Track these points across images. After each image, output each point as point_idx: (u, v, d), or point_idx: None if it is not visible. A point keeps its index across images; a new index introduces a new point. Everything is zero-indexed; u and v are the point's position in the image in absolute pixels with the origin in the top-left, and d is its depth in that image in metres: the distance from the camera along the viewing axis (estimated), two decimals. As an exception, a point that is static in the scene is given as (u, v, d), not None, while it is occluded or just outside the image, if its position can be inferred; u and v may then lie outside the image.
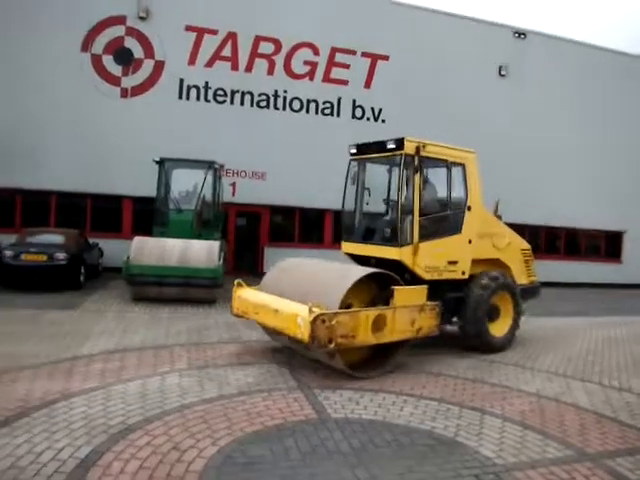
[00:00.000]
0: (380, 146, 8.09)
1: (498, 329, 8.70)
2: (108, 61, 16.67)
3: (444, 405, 5.90)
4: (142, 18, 16.60)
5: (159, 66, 16.97)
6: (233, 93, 17.72)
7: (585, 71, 21.30)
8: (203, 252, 11.71)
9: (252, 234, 18.39)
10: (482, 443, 4.90)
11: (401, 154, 7.73)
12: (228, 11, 17.28)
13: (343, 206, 8.79)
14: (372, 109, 19.02)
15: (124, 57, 16.75)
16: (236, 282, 7.69)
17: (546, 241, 21.81)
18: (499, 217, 9.71)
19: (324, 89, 18.46)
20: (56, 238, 13.29)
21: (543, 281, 10.49)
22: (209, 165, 13.76)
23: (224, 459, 4.21)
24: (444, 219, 8.38)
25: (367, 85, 18.91)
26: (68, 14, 16.18)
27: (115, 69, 16.74)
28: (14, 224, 16.25)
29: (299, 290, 6.76)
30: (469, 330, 8.36)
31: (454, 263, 8.22)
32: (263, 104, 18.04)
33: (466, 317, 8.29)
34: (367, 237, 8.49)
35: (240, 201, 17.64)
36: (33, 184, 16.21)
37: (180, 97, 17.26)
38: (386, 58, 18.90)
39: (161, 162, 13.82)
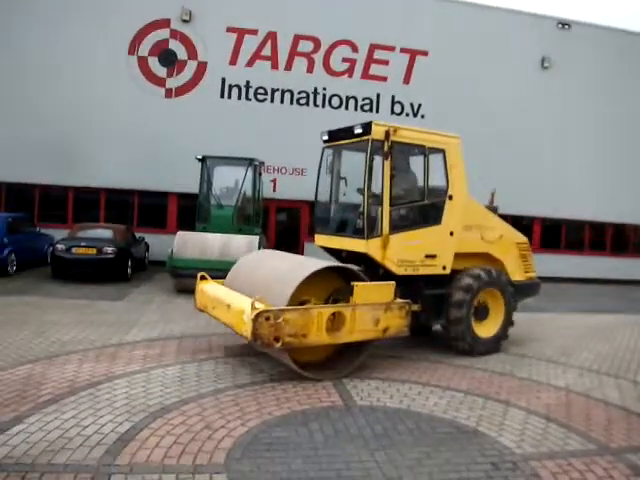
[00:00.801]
0: (349, 132, 7.48)
1: (486, 329, 8.04)
2: (153, 63, 17.33)
3: (469, 397, 6.01)
4: (185, 21, 17.17)
5: (202, 67, 17.51)
6: (273, 91, 18.10)
7: (626, 60, 20.64)
8: (243, 246, 12.08)
9: (292, 229, 18.77)
10: (503, 433, 5.01)
11: (368, 139, 7.11)
12: (267, 11, 17.64)
13: (316, 197, 8.35)
14: (411, 105, 19.05)
15: (169, 59, 17.38)
16: (199, 275, 7.47)
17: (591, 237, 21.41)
18: (495, 209, 9.08)
19: (363, 85, 18.60)
20: (105, 233, 13.96)
21: (584, 277, 10.26)
22: (249, 162, 14.13)
23: (251, 439, 4.51)
24: (420, 209, 7.74)
25: (406, 81, 18.94)
26: (115, 19, 16.94)
27: (160, 70, 17.38)
28: (66, 220, 17.13)
29: (255, 285, 6.41)
30: (451, 330, 7.75)
31: (432, 257, 7.54)
32: (303, 101, 18.34)
33: (448, 316, 7.67)
34: (340, 229, 7.94)
35: (281, 197, 18.03)
36: (84, 182, 17.08)
37: (222, 96, 17.76)
38: (425, 53, 18.89)
39: (203, 160, 14.28)
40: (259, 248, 12.17)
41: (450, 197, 7.71)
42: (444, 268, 7.69)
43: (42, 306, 9.70)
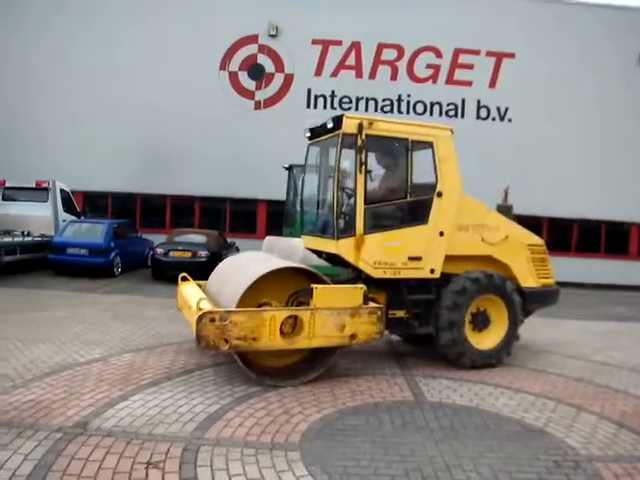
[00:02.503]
0: (324, 127, 6.96)
1: (485, 340, 7.27)
2: (243, 77, 18.41)
3: (541, 399, 6.05)
4: (272, 35, 18.11)
5: (289, 79, 18.35)
6: (358, 100, 18.59)
7: None
8: (325, 251, 12.55)
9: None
10: (570, 435, 5.05)
11: (338, 134, 6.56)
12: (351, 22, 18.19)
13: (302, 196, 7.74)
14: (497, 109, 18.88)
15: (257, 73, 18.40)
16: (180, 276, 7.48)
17: None
18: (509, 208, 8.37)
19: (447, 91, 18.70)
20: (199, 238, 15.04)
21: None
22: (333, 170, 14.60)
23: (325, 424, 4.94)
24: (402, 207, 7.06)
25: (492, 84, 18.80)
26: (207, 37, 18.13)
27: (249, 84, 18.43)
28: (165, 226, 18.50)
29: (224, 287, 6.34)
30: (440, 337, 6.99)
31: (417, 259, 6.81)
32: (387, 109, 18.68)
33: (438, 325, 6.95)
34: (323, 229, 7.30)
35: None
36: (180, 190, 18.40)
37: (308, 106, 18.51)
38: (512, 55, 18.64)
39: (290, 168, 14.93)
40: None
41: (439, 194, 6.93)
42: (432, 272, 6.92)
43: (143, 304, 10.75)
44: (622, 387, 6.78)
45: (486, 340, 7.29)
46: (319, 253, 7.58)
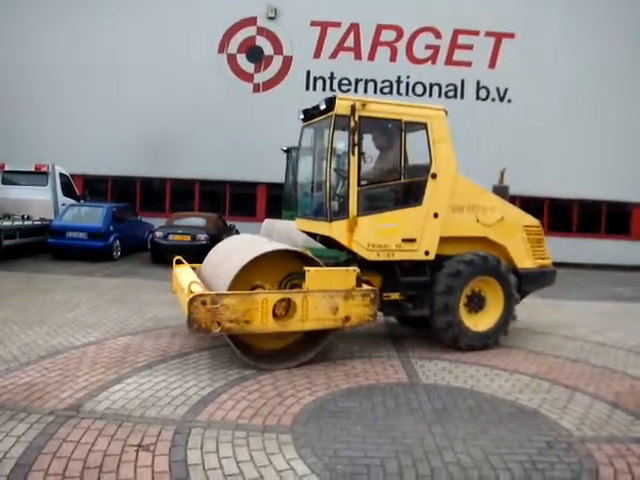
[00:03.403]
0: (317, 109, 6.89)
1: (480, 321, 7.26)
2: (242, 60, 18.24)
3: (536, 381, 6.04)
4: (271, 18, 17.94)
5: (287, 61, 18.19)
6: (357, 81, 18.45)
7: None
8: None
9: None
10: (564, 416, 5.04)
11: (331, 115, 6.51)
12: (350, 3, 18.03)
13: (296, 178, 7.85)
14: (497, 89, 18.71)
15: (256, 55, 18.25)
16: (175, 259, 7.49)
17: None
18: (506, 188, 8.25)
19: (447, 72, 18.53)
20: (198, 221, 15.04)
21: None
22: (332, 152, 14.52)
23: (317, 406, 4.95)
24: (396, 189, 7.01)
25: (492, 65, 18.61)
26: (205, 20, 17.94)
27: (248, 67, 18.29)
28: (164, 209, 18.49)
29: (217, 269, 6.38)
30: (436, 320, 6.98)
31: (411, 241, 6.77)
32: (386, 90, 18.53)
33: (433, 308, 6.94)
34: (317, 212, 7.32)
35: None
36: (180, 174, 18.35)
37: (307, 89, 18.38)
38: (512, 36, 18.43)
39: (288, 150, 14.84)
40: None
41: (434, 175, 6.87)
42: (427, 253, 6.89)
43: (142, 287, 10.76)
44: (619, 368, 6.77)
45: (482, 321, 7.28)
46: (313, 235, 7.55)
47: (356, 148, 6.38)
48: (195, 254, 14.29)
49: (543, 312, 9.76)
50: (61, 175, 16.25)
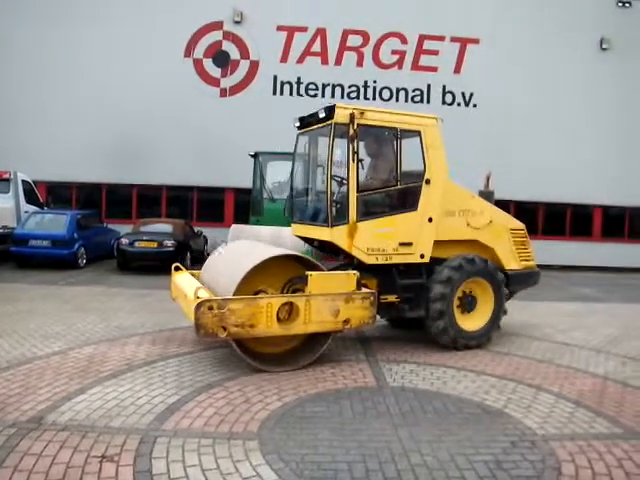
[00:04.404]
0: (315, 117, 7.08)
1: (474, 321, 7.57)
2: (208, 64, 18.12)
3: (502, 381, 6.13)
4: (237, 22, 17.90)
5: (254, 66, 18.17)
6: (324, 86, 18.53)
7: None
8: (293, 238, 12.53)
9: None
10: (528, 415, 5.13)
11: (331, 124, 6.70)
12: (316, 8, 18.09)
13: (291, 185, 8.18)
14: (463, 94, 19.00)
15: (222, 59, 18.17)
16: (174, 266, 7.60)
17: None
18: (491, 193, 8.62)
19: (413, 77, 18.75)
20: (165, 227, 14.87)
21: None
22: (300, 157, 14.55)
23: (285, 412, 4.93)
24: (393, 194, 7.30)
25: (457, 70, 18.91)
26: (171, 23, 17.77)
27: (215, 71, 18.19)
28: (131, 216, 18.22)
29: (218, 276, 6.46)
30: (432, 325, 7.26)
31: (407, 245, 7.04)
32: (353, 95, 18.64)
33: (428, 311, 7.19)
34: (312, 217, 7.51)
35: (333, 190, 18.38)
36: (146, 179, 18.10)
37: (274, 93, 18.37)
38: (476, 41, 18.77)
39: (256, 155, 14.83)
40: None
41: (427, 181, 7.16)
42: (422, 257, 7.16)
43: (107, 295, 10.58)
44: (582, 367, 6.92)
45: (475, 321, 7.59)
46: (309, 241, 7.76)
47: (355, 155, 6.59)
48: (162, 261, 14.32)
49: (511, 313, 9.84)
50: (24, 182, 15.87)
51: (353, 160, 6.60)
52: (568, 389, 5.99)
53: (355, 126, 6.56)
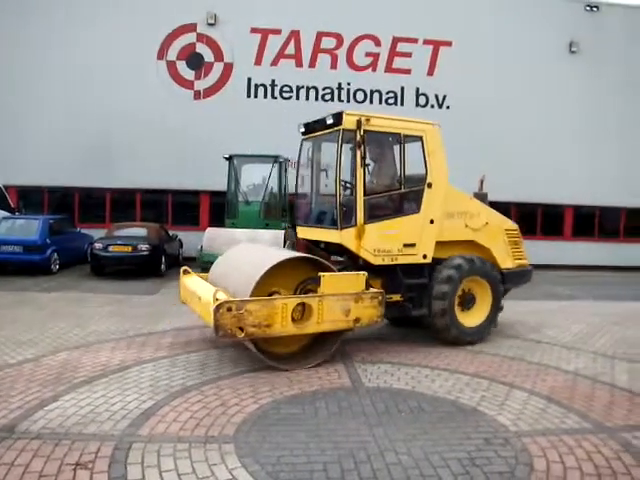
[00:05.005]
0: (323, 123, 7.39)
1: (473, 317, 7.94)
2: (182, 66, 18.00)
3: (475, 379, 6.24)
4: (211, 24, 17.81)
5: (228, 68, 18.10)
6: (298, 89, 18.53)
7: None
8: (269, 240, 12.53)
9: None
10: (501, 412, 5.24)
11: (339, 129, 7.02)
12: (290, 11, 18.09)
13: (296, 189, 8.41)
14: (436, 96, 19.20)
15: (196, 62, 18.05)
16: (182, 269, 7.73)
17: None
18: (484, 195, 8.95)
19: (387, 79, 18.87)
20: (140, 231, 14.70)
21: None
22: (275, 159, 14.59)
23: (261, 414, 4.95)
24: (397, 198, 7.61)
25: (430, 72, 19.09)
26: (144, 25, 17.62)
27: (188, 74, 18.07)
28: (105, 220, 17.99)
29: (228, 278, 6.60)
30: (435, 323, 7.65)
31: (411, 246, 7.38)
32: (328, 97, 18.70)
33: (431, 309, 7.57)
34: (319, 220, 7.86)
35: (308, 191, 18.41)
36: (120, 183, 17.88)
37: (248, 96, 18.33)
38: (449, 44, 18.98)
39: (230, 158, 14.82)
40: (285, 241, 12.63)
41: (429, 185, 7.52)
42: (425, 257, 7.51)
43: (81, 300, 10.43)
44: (553, 363, 7.07)
45: (474, 317, 7.97)
46: (315, 243, 7.98)
47: (363, 160, 6.91)
48: (137, 265, 14.18)
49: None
50: (-6, 186, 15.58)
51: (360, 165, 6.91)
52: (540, 386, 6.12)
53: (362, 132, 6.89)
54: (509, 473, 4.04)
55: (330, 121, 7.13)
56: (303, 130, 7.97)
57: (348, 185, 7.18)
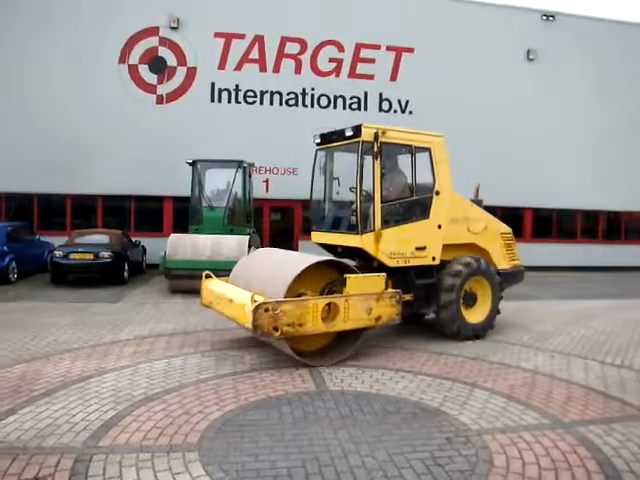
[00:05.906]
0: (340, 134, 8.02)
1: (475, 315, 8.59)
2: (144, 70, 17.76)
3: (438, 380, 6.36)
4: (173, 28, 17.62)
5: (191, 72, 17.94)
6: (262, 93, 18.51)
7: (610, 49, 20.95)
8: (233, 246, 12.49)
9: (287, 227, 19.18)
10: (463, 412, 5.35)
11: (358, 141, 7.64)
12: (254, 15, 18.05)
13: (311, 196, 8.81)
14: (399, 101, 19.43)
15: (159, 66, 17.83)
16: (204, 274, 7.96)
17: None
18: (480, 202, 9.52)
19: (350, 84, 19.01)
20: (102, 238, 14.42)
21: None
22: (238, 164, 14.52)
23: (225, 421, 4.93)
24: (410, 205, 8.25)
25: (393, 78, 19.32)
26: (104, 29, 17.31)
27: (151, 78, 17.82)
28: (65, 227, 17.59)
29: (256, 281, 6.88)
30: (443, 318, 8.28)
31: (422, 249, 8.06)
32: (292, 102, 18.73)
33: (439, 301, 8.21)
34: (335, 226, 8.48)
35: (274, 197, 18.43)
36: (81, 189, 17.52)
37: (212, 100, 18.21)
38: (411, 50, 19.25)
39: (194, 163, 14.68)
40: (249, 247, 12.57)
41: (437, 193, 8.21)
42: (433, 259, 8.20)
43: (41, 310, 10.17)
44: (513, 362, 7.27)
45: (476, 315, 8.59)
46: (330, 248, 8.56)
47: (381, 170, 7.56)
48: (99, 272, 13.91)
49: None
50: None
51: (377, 175, 7.53)
52: (500, 384, 6.28)
53: (379, 143, 7.50)
54: (470, 471, 4.13)
55: (349, 133, 7.73)
56: (319, 141, 8.54)
57: (364, 193, 7.70)
